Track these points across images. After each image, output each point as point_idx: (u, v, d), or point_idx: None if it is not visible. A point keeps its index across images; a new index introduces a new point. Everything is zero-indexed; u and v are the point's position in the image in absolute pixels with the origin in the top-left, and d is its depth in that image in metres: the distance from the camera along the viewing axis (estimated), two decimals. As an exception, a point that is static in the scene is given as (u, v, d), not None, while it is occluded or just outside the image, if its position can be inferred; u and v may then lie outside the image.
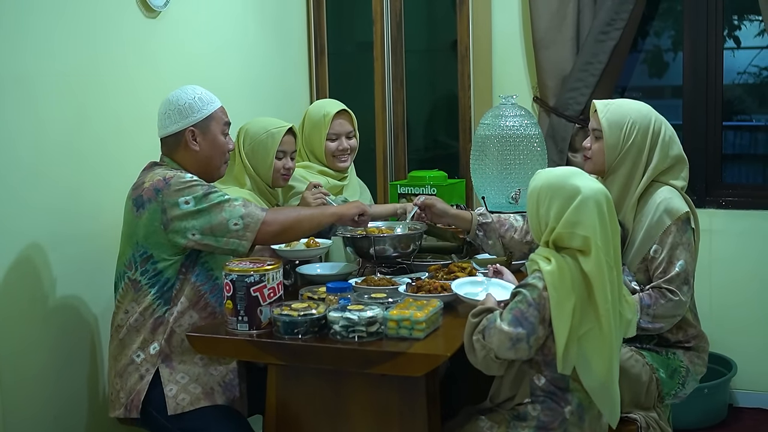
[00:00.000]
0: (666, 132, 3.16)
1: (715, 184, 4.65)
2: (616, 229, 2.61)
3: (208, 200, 2.94)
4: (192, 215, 2.92)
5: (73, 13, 3.28)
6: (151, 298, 2.99)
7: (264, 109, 4.25)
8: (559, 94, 4.57)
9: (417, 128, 4.94)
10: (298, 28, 4.83)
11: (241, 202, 2.98)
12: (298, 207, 3.20)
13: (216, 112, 3.12)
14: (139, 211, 2.97)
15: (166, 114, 3.09)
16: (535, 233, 2.68)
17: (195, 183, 2.97)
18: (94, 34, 3.39)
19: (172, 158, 3.12)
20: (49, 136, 3.19)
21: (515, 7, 4.76)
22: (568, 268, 2.53)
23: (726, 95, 4.72)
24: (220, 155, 3.14)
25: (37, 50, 3.13)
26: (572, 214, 2.54)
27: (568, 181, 2.59)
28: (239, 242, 2.95)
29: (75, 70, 3.30)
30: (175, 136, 3.09)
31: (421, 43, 4.89)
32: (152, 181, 2.98)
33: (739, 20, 4.78)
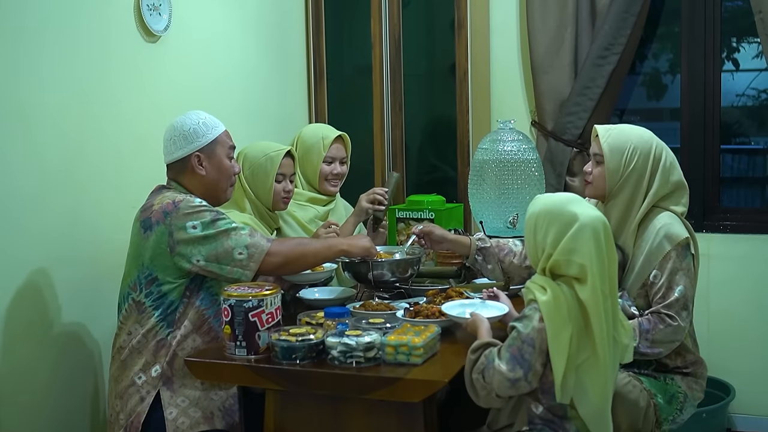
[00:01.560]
0: (667, 158, 3.17)
1: (713, 208, 4.65)
2: (613, 257, 2.60)
3: (215, 227, 2.95)
4: (198, 241, 2.93)
5: (72, 37, 3.30)
6: (155, 320, 2.98)
7: (263, 133, 4.26)
8: (557, 119, 4.58)
9: (415, 152, 4.94)
10: (298, 52, 4.84)
11: (247, 231, 2.99)
12: (305, 240, 3.21)
13: (220, 136, 3.14)
14: (147, 233, 2.97)
15: (172, 140, 3.11)
16: (531, 259, 2.68)
17: (204, 208, 2.98)
18: (94, 60, 3.40)
19: (179, 182, 3.13)
20: (48, 164, 3.20)
21: (513, 32, 4.77)
22: (564, 297, 2.53)
23: (724, 118, 4.72)
24: (226, 178, 3.16)
25: (35, 78, 3.13)
26: (569, 241, 2.54)
27: (566, 207, 2.59)
28: (242, 272, 2.96)
29: (74, 97, 3.31)
30: (181, 161, 3.11)
31: (420, 67, 4.90)
32: (161, 204, 2.99)
33: (738, 42, 4.78)
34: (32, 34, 3.11)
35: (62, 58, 3.25)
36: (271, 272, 3.06)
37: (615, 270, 2.61)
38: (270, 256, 2.98)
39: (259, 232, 3.05)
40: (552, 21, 4.56)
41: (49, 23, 3.18)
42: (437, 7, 4.89)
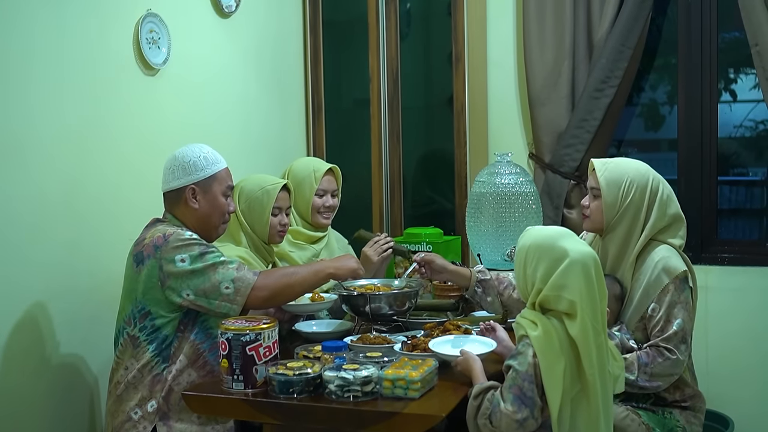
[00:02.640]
0: (664, 191, 3.18)
1: (711, 240, 4.65)
2: (604, 293, 2.61)
3: (203, 260, 2.95)
4: (187, 275, 2.93)
5: (72, 70, 3.31)
6: (150, 354, 2.98)
7: (262, 166, 4.26)
8: (554, 151, 4.59)
9: (413, 184, 4.95)
10: (297, 85, 4.86)
11: (235, 265, 2.99)
12: (290, 269, 3.18)
13: (220, 173, 3.15)
14: (139, 266, 2.98)
15: (171, 169, 3.12)
16: (521, 291, 2.69)
17: (193, 242, 2.98)
18: (93, 92, 3.41)
19: (173, 214, 3.14)
20: (47, 196, 3.20)
21: (511, 65, 4.79)
22: (555, 331, 2.54)
23: (722, 149, 4.73)
24: (218, 215, 3.16)
25: (35, 111, 3.15)
26: (559, 277, 2.55)
27: (556, 242, 2.60)
28: (230, 306, 2.96)
29: (74, 130, 3.32)
30: (176, 191, 3.12)
31: (418, 100, 4.92)
32: (152, 238, 2.99)
33: (735, 73, 4.80)
34: (31, 67, 3.12)
35: (61, 90, 3.26)
36: (258, 306, 3.05)
37: (605, 305, 2.62)
38: (256, 290, 2.97)
39: (246, 267, 3.04)
40: (549, 54, 4.58)
41: (48, 55, 3.20)
42: (435, 40, 4.91)
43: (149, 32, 3.68)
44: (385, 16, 4.78)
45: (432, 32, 4.93)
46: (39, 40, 3.16)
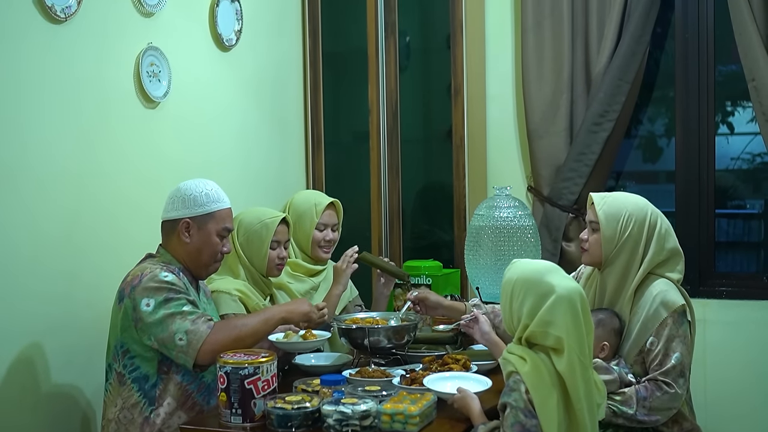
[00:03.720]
0: (662, 225, 3.19)
1: (708, 274, 4.65)
2: (590, 328, 2.63)
3: (166, 308, 2.93)
4: (149, 322, 2.93)
5: (72, 102, 3.33)
6: (137, 395, 2.97)
7: (261, 198, 4.28)
8: (553, 184, 4.60)
9: (412, 217, 4.96)
10: (296, 117, 4.88)
11: (193, 317, 2.95)
12: (241, 322, 3.10)
13: (219, 212, 3.15)
14: (120, 304, 3.00)
15: (172, 199, 3.14)
16: (507, 325, 2.71)
17: (163, 286, 2.96)
18: (94, 125, 3.43)
19: (166, 247, 3.14)
20: (45, 228, 3.21)
21: (509, 98, 4.82)
22: (544, 365, 2.57)
23: (719, 181, 4.74)
24: (209, 254, 3.14)
25: (34, 142, 3.16)
26: (546, 313, 2.56)
27: (543, 278, 2.61)
28: (185, 358, 2.94)
29: (73, 161, 3.33)
30: (171, 222, 3.13)
31: (417, 132, 4.94)
32: (133, 276, 3.01)
33: (732, 106, 4.82)
34: (30, 98, 3.14)
35: (61, 122, 3.27)
36: (209, 362, 2.97)
37: (592, 339, 2.64)
38: (206, 345, 2.93)
39: (205, 317, 2.99)
40: (547, 88, 4.61)
41: (48, 87, 3.22)
42: (434, 72, 4.94)
43: (150, 65, 3.70)
44: (385, 49, 4.81)
45: (431, 65, 4.96)
46: (38, 71, 3.18)
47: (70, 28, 3.31)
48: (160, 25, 3.77)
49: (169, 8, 3.81)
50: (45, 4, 3.16)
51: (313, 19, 4.90)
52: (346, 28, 4.97)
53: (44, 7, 3.17)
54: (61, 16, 3.24)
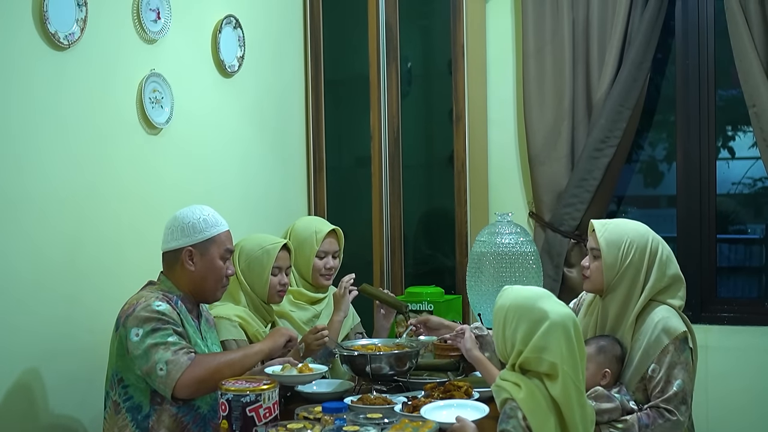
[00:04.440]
0: (663, 251, 3.19)
1: (710, 299, 4.65)
2: (584, 353, 2.65)
3: (152, 338, 2.92)
4: (135, 352, 2.92)
5: (76, 130, 3.34)
6: (131, 426, 2.96)
7: (262, 223, 4.28)
8: (554, 210, 4.61)
9: (414, 242, 4.96)
10: (298, 143, 4.89)
11: (176, 348, 2.93)
12: (222, 356, 3.09)
13: (219, 236, 3.15)
14: (117, 331, 3.00)
15: (170, 230, 3.14)
16: (500, 351, 2.72)
17: (153, 316, 2.95)
18: (96, 151, 3.44)
19: (168, 275, 3.14)
20: (47, 254, 3.21)
21: (511, 124, 4.84)
22: (539, 390, 2.58)
23: (720, 206, 4.75)
24: (214, 279, 3.14)
25: (36, 168, 3.17)
26: (540, 339, 2.58)
27: (536, 304, 2.63)
28: (165, 389, 2.92)
29: (76, 187, 3.34)
30: (174, 252, 3.12)
31: (418, 158, 4.95)
32: (129, 304, 3.01)
33: (733, 131, 4.83)
34: (32, 124, 3.15)
35: (63, 148, 3.28)
36: (186, 396, 2.94)
37: (584, 365, 2.65)
38: (184, 378, 2.89)
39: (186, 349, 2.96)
40: (549, 114, 4.63)
41: (50, 114, 3.22)
42: (435, 97, 4.95)
43: (152, 92, 3.72)
44: (387, 75, 4.82)
45: (433, 91, 4.98)
46: (41, 98, 3.19)
47: (74, 55, 3.32)
48: (162, 51, 3.79)
49: (172, 35, 3.83)
50: (48, 32, 3.18)
51: (315, 46, 4.92)
52: (347, 54, 4.98)
53: (48, 34, 3.18)
54: (64, 43, 3.25)
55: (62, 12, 3.25)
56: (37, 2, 3.15)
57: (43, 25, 3.16)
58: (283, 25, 4.79)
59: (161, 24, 3.76)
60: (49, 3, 3.17)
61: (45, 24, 3.16)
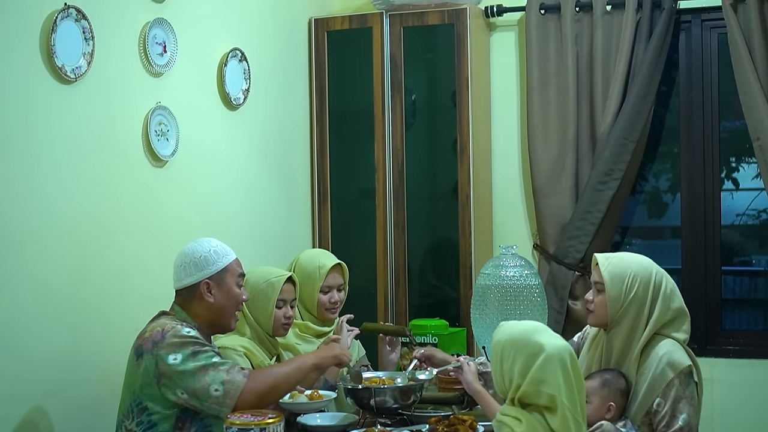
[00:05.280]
0: (667, 285, 3.19)
1: (715, 332, 4.65)
2: (581, 385, 2.67)
3: (196, 360, 2.94)
4: (179, 374, 2.92)
5: (81, 163, 3.35)
6: None
7: (267, 255, 4.28)
8: (558, 242, 4.61)
9: (418, 274, 4.96)
10: (303, 174, 4.91)
11: (226, 367, 2.97)
12: (276, 369, 3.16)
13: (231, 264, 3.17)
14: (139, 360, 2.98)
15: (182, 267, 3.14)
16: (498, 386, 2.74)
17: (188, 340, 2.97)
18: (102, 183, 3.45)
19: (184, 308, 3.14)
20: (53, 285, 3.22)
21: (515, 157, 4.86)
22: (539, 424, 2.60)
23: (725, 237, 4.75)
24: (233, 306, 3.17)
25: (43, 201, 3.18)
26: (537, 371, 2.60)
27: (532, 337, 2.66)
28: (220, 408, 2.93)
29: (81, 219, 3.35)
30: (190, 288, 3.13)
31: (423, 189, 4.95)
32: (152, 332, 3.00)
33: (737, 162, 4.84)
34: (38, 158, 3.17)
35: (69, 180, 3.30)
36: (247, 409, 2.95)
37: (583, 397, 2.67)
38: (245, 395, 2.94)
39: (237, 367, 3.02)
40: (553, 146, 4.65)
41: (56, 147, 3.24)
42: (440, 129, 4.96)
43: (158, 124, 3.73)
44: (391, 107, 4.84)
45: (437, 122, 4.99)
46: (47, 131, 3.20)
47: (80, 89, 3.34)
48: (168, 84, 3.81)
49: (178, 68, 3.85)
50: (55, 65, 3.20)
51: (319, 78, 4.95)
52: (352, 86, 5.01)
53: (55, 68, 3.21)
54: (71, 77, 3.27)
55: (69, 46, 3.28)
56: (44, 36, 3.17)
57: (51, 58, 3.18)
58: (289, 58, 4.82)
59: (167, 57, 3.78)
60: (57, 37, 3.19)
61: (52, 58, 3.18)
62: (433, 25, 4.81)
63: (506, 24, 4.96)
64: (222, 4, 4.22)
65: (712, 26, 4.65)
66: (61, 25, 3.22)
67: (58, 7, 3.21)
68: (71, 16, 3.28)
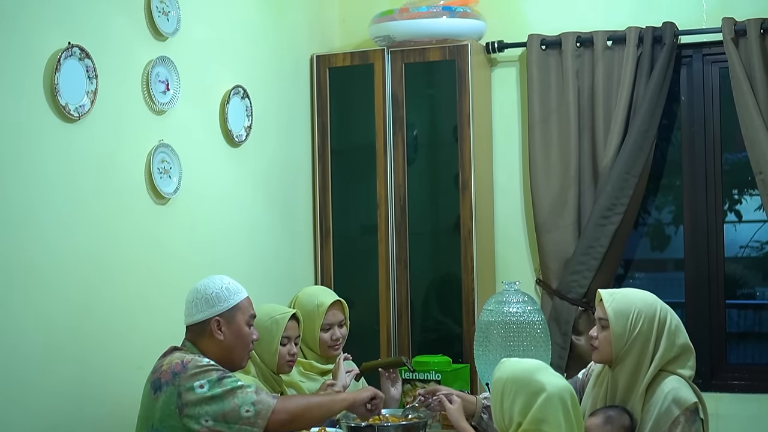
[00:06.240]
0: (672, 321, 3.18)
1: (720, 366, 4.63)
2: (581, 425, 2.70)
3: (222, 385, 2.94)
4: (206, 401, 2.92)
5: (84, 201, 3.35)
6: None
7: (270, 292, 4.26)
8: (561, 277, 4.61)
9: (421, 310, 4.95)
10: (305, 211, 4.91)
11: (253, 389, 2.98)
12: (309, 395, 3.19)
13: (242, 302, 3.17)
14: (157, 393, 2.97)
15: (194, 303, 3.14)
16: (498, 424, 2.76)
17: (211, 368, 2.98)
18: (105, 222, 3.45)
19: (195, 344, 3.14)
20: (56, 323, 3.21)
21: (517, 191, 4.87)
22: None
23: (729, 270, 4.74)
24: (243, 345, 3.16)
25: (46, 239, 3.18)
26: (538, 411, 2.62)
27: (533, 376, 2.68)
28: (251, 429, 2.93)
29: (84, 257, 3.34)
30: (201, 324, 3.13)
31: (425, 225, 4.95)
32: (171, 364, 2.99)
33: (739, 194, 4.85)
34: (41, 196, 3.17)
35: (71, 217, 3.30)
36: (279, 429, 3.00)
37: None
38: (276, 414, 2.95)
39: (264, 390, 3.05)
40: (555, 181, 4.65)
41: (59, 185, 3.25)
42: (441, 165, 4.97)
43: (161, 162, 3.74)
44: (393, 143, 4.85)
45: (439, 158, 4.99)
46: (50, 169, 3.21)
47: (83, 127, 3.35)
48: (171, 122, 3.82)
49: (181, 105, 3.86)
50: (59, 104, 3.21)
51: (321, 114, 4.96)
52: (354, 122, 5.02)
53: (58, 106, 3.22)
54: (74, 115, 3.29)
55: (73, 84, 3.29)
56: (48, 75, 3.19)
57: (54, 97, 3.20)
58: (291, 95, 4.83)
59: (170, 95, 3.80)
60: (60, 76, 3.21)
61: (56, 96, 3.20)
62: (434, 62, 4.83)
63: (507, 60, 4.97)
64: (224, 42, 4.24)
65: (713, 61, 4.66)
66: (64, 63, 3.23)
67: (62, 46, 3.23)
68: (75, 55, 3.29)
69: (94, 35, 3.41)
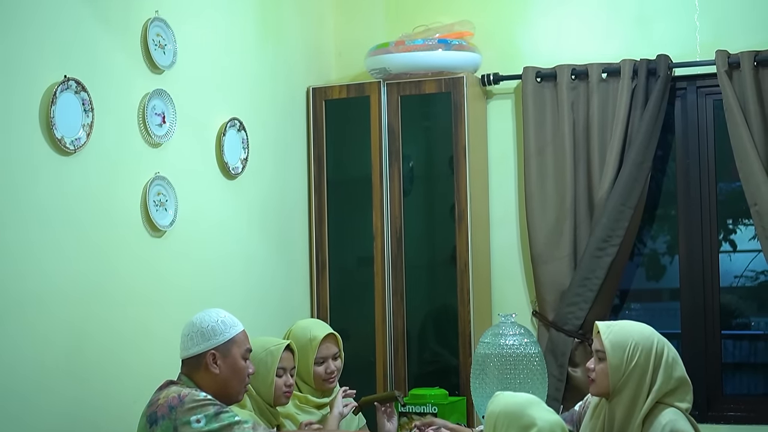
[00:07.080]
0: (669, 354, 3.18)
1: (717, 398, 4.62)
2: None
3: (219, 420, 2.93)
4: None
5: (80, 233, 3.36)
6: None
7: (266, 325, 4.26)
8: (557, 309, 4.61)
9: (417, 342, 4.94)
10: (301, 243, 4.91)
11: (251, 425, 2.97)
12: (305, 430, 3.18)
13: (238, 336, 3.17)
14: (153, 427, 2.96)
15: (189, 336, 3.13)
16: None
17: (208, 402, 2.97)
18: (101, 255, 3.45)
19: (190, 378, 3.13)
20: (50, 354, 3.20)
21: (513, 224, 4.87)
22: None
23: (724, 299, 4.75)
24: (239, 379, 3.16)
25: (44, 269, 3.18)
26: None
27: (525, 411, 2.70)
28: None
29: (81, 289, 3.34)
30: (196, 358, 3.12)
31: (421, 257, 4.95)
32: (167, 398, 2.99)
33: (734, 224, 4.85)
34: (37, 229, 3.17)
35: (68, 251, 3.30)
36: None
37: None
38: None
39: (262, 426, 3.04)
40: (551, 213, 4.66)
41: (55, 217, 3.25)
42: (437, 196, 4.97)
43: (157, 194, 3.74)
44: (389, 175, 4.86)
45: (435, 190, 5.00)
46: (46, 202, 3.21)
47: (79, 160, 3.36)
48: (167, 155, 3.82)
49: (177, 138, 3.87)
50: (55, 137, 3.22)
51: (317, 146, 4.97)
52: (350, 154, 5.03)
53: (54, 139, 3.22)
54: (70, 148, 3.29)
55: (69, 117, 3.30)
56: (44, 108, 3.20)
57: (50, 130, 3.20)
58: (287, 127, 4.84)
59: (166, 128, 3.80)
60: (56, 109, 3.22)
61: (52, 129, 3.20)
62: (430, 94, 4.85)
63: (503, 92, 4.99)
64: (220, 74, 4.26)
65: (707, 93, 4.68)
66: (60, 97, 3.24)
67: (58, 79, 3.25)
68: (71, 88, 3.30)
69: (90, 68, 3.42)
